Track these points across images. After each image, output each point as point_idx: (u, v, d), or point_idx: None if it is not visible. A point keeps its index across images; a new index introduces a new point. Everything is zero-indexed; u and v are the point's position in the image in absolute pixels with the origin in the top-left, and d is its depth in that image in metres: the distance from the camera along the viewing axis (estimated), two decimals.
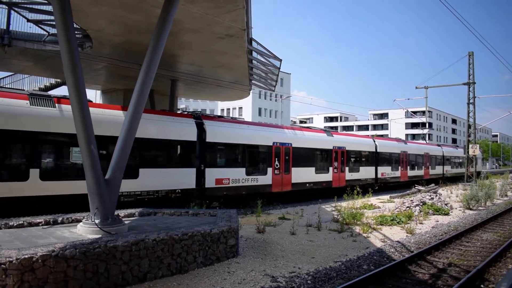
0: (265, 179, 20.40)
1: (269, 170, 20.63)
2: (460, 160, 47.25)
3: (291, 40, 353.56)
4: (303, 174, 22.85)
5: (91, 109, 9.05)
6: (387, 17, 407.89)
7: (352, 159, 27.77)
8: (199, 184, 17.28)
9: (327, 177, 24.94)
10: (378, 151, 30.62)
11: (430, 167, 39.33)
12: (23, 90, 16.40)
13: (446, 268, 9.64)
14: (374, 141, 31.18)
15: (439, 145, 45.75)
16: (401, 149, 34.13)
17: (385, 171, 31.45)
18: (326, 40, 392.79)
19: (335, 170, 25.64)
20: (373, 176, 29.99)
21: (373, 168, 30.01)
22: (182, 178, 16.62)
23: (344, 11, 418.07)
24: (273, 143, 20.98)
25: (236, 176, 18.85)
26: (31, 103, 12.65)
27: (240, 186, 18.99)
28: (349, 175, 27.00)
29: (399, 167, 33.45)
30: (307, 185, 23.23)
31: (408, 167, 34.90)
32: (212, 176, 17.77)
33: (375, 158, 30.34)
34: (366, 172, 29.13)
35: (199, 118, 18.07)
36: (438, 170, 41.74)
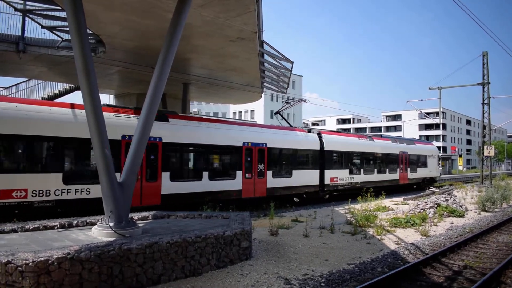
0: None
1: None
2: (391, 159, 29.50)
3: (303, 40, 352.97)
4: None
5: None
6: (405, 16, 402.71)
7: None
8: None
9: None
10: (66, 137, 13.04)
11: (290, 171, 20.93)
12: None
13: (462, 271, 9.50)
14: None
15: (310, 131, 24.17)
16: (159, 134, 15.05)
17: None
18: (339, 40, 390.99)
19: None
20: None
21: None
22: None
23: (359, 10, 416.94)
24: None
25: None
26: None
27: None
28: None
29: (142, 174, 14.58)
30: None
31: (207, 172, 16.99)
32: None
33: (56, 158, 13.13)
34: None
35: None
36: (307, 177, 21.94)
